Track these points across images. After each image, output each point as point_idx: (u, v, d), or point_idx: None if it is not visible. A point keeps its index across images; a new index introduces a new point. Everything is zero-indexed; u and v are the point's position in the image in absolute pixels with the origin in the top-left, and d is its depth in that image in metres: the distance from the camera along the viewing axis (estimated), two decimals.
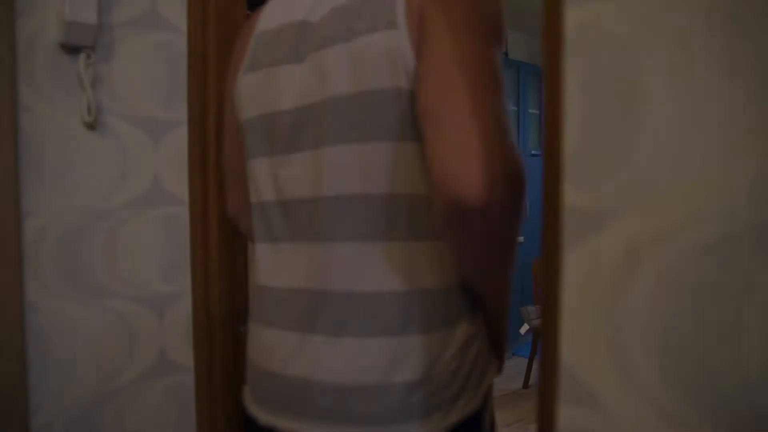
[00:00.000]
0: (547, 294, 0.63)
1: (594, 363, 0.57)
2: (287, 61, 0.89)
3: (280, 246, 0.90)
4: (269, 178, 0.92)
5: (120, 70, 1.20)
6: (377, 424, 0.80)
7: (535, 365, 4.75)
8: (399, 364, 0.80)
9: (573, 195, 0.57)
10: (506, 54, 5.36)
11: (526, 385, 4.41)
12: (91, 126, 1.15)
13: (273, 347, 0.88)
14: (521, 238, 5.16)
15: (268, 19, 0.95)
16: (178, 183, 1.28)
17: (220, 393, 1.31)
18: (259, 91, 0.92)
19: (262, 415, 0.89)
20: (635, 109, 0.53)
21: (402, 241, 0.81)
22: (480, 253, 0.79)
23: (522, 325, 4.29)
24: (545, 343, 0.64)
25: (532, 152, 5.65)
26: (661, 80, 0.52)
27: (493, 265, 0.83)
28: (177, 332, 1.29)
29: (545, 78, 0.63)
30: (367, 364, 0.81)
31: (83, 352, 1.17)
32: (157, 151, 1.25)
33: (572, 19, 0.58)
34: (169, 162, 1.26)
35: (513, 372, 4.79)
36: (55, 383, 1.14)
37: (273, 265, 0.92)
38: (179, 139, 1.27)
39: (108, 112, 1.18)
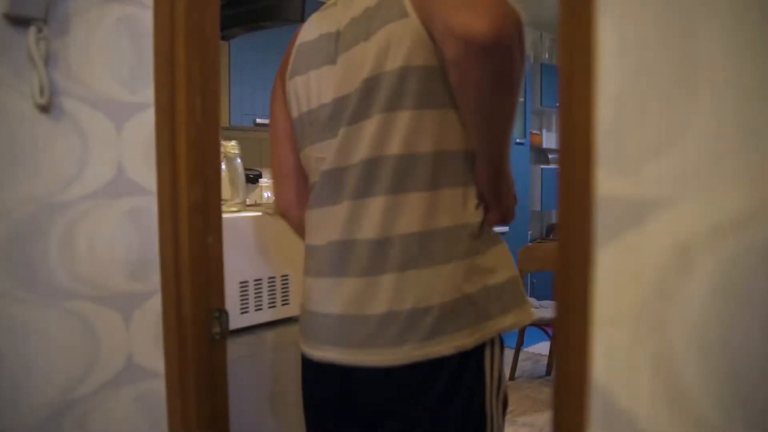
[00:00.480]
0: (570, 300, 0.53)
1: (634, 383, 0.48)
2: (325, 64, 1.12)
3: (315, 210, 1.14)
4: (316, 160, 1.13)
5: (77, 47, 1.07)
6: (382, 346, 1.00)
7: (527, 363, 4.69)
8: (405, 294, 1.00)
9: (607, 181, 0.47)
10: None
11: (512, 377, 4.34)
12: (44, 108, 1.03)
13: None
14: (506, 228, 5.08)
15: (306, 33, 1.19)
16: (144, 172, 1.16)
17: (193, 400, 1.20)
18: (303, 90, 1.16)
19: (307, 349, 1.15)
20: (690, 76, 0.43)
21: (423, 191, 1.00)
22: (488, 96, 0.93)
23: None
24: (565, 359, 0.55)
25: (516, 140, 5.57)
26: (724, 42, 0.42)
27: (500, 109, 0.96)
28: (145, 335, 1.18)
29: (565, 34, 0.52)
30: (384, 297, 1.01)
31: (40, 360, 1.05)
32: (121, 137, 1.13)
33: None
34: (134, 149, 1.15)
35: None
36: (8, 395, 1.02)
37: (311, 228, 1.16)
38: (145, 123, 1.16)
39: (64, 93, 1.06)
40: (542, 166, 5.97)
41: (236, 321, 1.55)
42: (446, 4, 0.90)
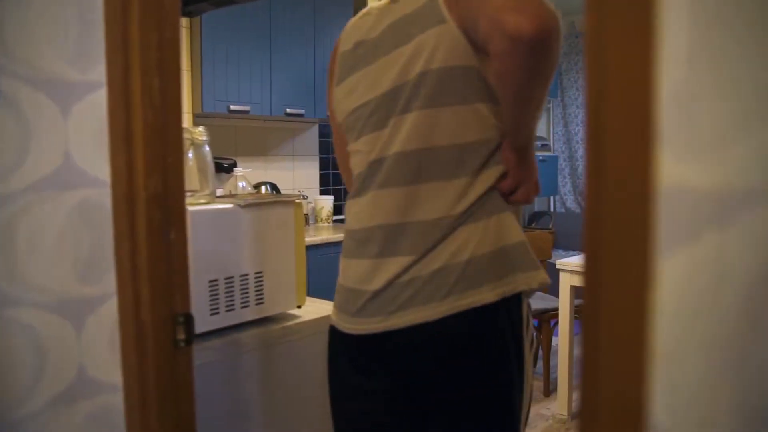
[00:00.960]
0: (617, 327, 0.41)
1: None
2: (365, 66, 1.25)
3: (357, 198, 1.25)
4: (358, 153, 1.25)
5: (15, 18, 0.94)
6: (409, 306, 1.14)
7: None
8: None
9: (675, 167, 0.36)
10: None
11: None
12: None
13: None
14: None
15: (345, 43, 1.32)
16: (95, 160, 1.03)
17: (155, 414, 1.08)
18: (347, 95, 1.29)
19: (339, 322, 1.24)
20: None
21: (461, 178, 1.14)
22: (525, 84, 1.06)
23: None
24: (611, 400, 0.43)
25: None
26: None
27: (534, 96, 1.10)
28: (100, 344, 1.05)
29: None
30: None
31: None
32: (68, 121, 1.00)
33: None
34: (83, 135, 1.02)
35: None
36: None
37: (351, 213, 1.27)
38: (96, 106, 1.02)
39: (1, 71, 0.93)
40: None
41: (205, 323, 1.43)
42: (493, 5, 1.02)
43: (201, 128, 1.51)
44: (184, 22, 3.21)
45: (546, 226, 6.47)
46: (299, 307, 1.65)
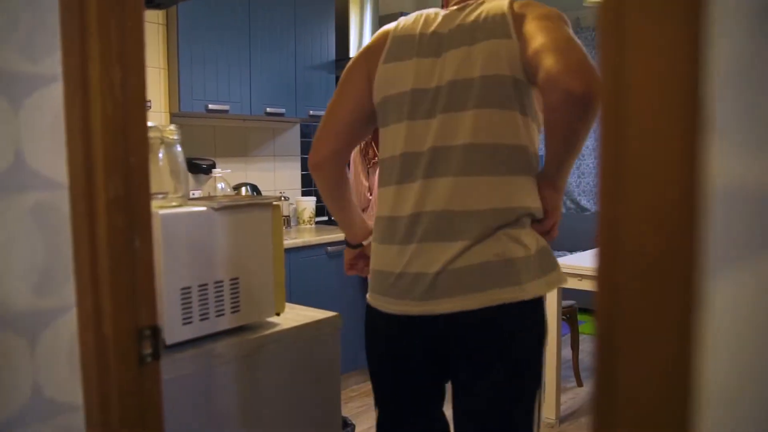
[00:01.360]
0: (649, 368, 0.34)
1: None
2: (428, 56, 1.40)
3: (399, 185, 1.40)
4: (399, 137, 1.40)
5: None
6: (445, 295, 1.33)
7: None
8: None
9: (733, 163, 0.28)
10: None
11: None
12: None
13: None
14: None
15: (406, 28, 1.45)
16: (51, 160, 0.94)
17: None
18: (399, 74, 1.42)
19: (378, 303, 1.42)
20: None
21: (501, 176, 1.32)
22: (571, 132, 1.27)
23: None
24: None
25: None
26: None
27: (578, 142, 1.30)
28: (57, 361, 0.96)
29: None
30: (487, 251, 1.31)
31: None
32: (19, 117, 0.91)
33: None
34: (36, 132, 0.93)
35: None
36: None
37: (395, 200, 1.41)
38: (51, 100, 0.93)
39: None
40: None
41: (177, 333, 1.34)
42: (555, 61, 1.24)
43: (172, 126, 1.42)
44: (159, 18, 3.11)
45: None
46: (278, 314, 1.57)
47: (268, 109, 3.65)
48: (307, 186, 4.42)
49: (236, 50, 3.46)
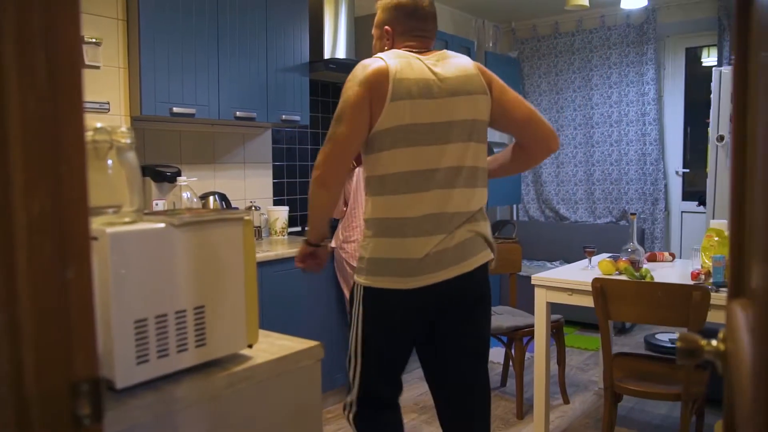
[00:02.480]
0: None
1: None
2: (431, 98, 1.94)
3: (418, 193, 1.94)
4: (411, 158, 1.92)
5: None
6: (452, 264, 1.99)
7: None
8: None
9: None
10: None
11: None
12: None
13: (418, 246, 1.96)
14: None
15: (404, 73, 1.92)
16: None
17: None
18: (404, 111, 1.90)
19: (399, 284, 1.95)
20: None
21: (482, 188, 2.04)
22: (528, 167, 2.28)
23: None
24: None
25: None
26: None
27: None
28: None
29: None
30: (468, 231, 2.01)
31: None
32: None
33: None
34: None
35: None
36: None
37: (413, 204, 1.94)
38: None
39: None
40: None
41: (131, 375, 1.12)
42: (544, 129, 2.10)
43: (124, 128, 1.20)
44: (118, 12, 2.87)
45: (509, 235, 6.28)
46: (250, 346, 1.35)
47: (238, 113, 3.43)
48: (279, 195, 4.19)
49: (204, 49, 3.24)
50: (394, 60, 1.93)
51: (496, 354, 4.66)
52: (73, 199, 0.78)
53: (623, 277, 3.02)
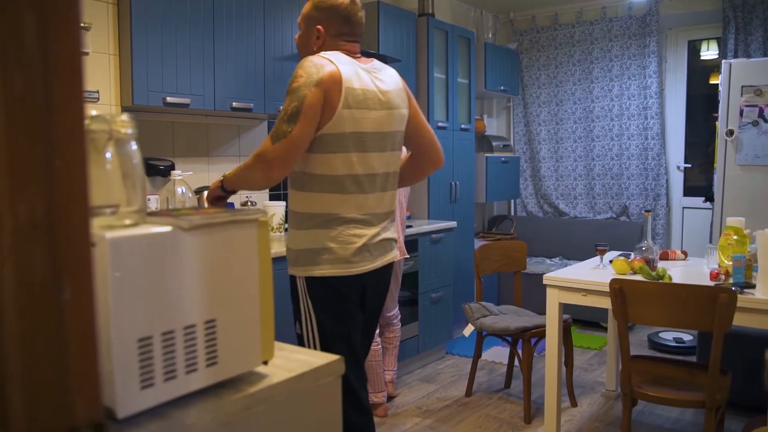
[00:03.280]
0: None
1: None
2: (375, 110, 2.09)
3: (356, 195, 2.11)
4: (360, 162, 2.09)
5: None
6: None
7: (481, 373, 4.22)
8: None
9: None
10: (432, 15, 4.75)
11: (469, 393, 3.86)
12: None
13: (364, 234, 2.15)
14: (453, 223, 4.62)
15: (350, 82, 2.02)
16: None
17: None
18: (351, 120, 2.04)
19: (360, 268, 2.14)
20: None
21: (395, 190, 2.28)
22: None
23: (465, 325, 3.74)
24: None
25: (462, 126, 5.11)
26: None
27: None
28: None
29: None
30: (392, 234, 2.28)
31: None
32: None
33: None
34: None
35: (449, 376, 4.24)
36: None
37: (360, 204, 2.13)
38: None
39: None
40: (486, 155, 5.53)
41: (135, 401, 0.96)
42: (439, 150, 2.38)
43: (125, 116, 1.05)
44: None
45: (507, 230, 6.16)
46: (266, 363, 1.20)
47: (234, 104, 3.26)
48: (276, 189, 4.04)
49: (199, 37, 3.07)
50: (344, 67, 2.02)
51: (500, 354, 4.54)
52: (70, 199, 0.63)
53: (638, 277, 2.90)
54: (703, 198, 4.76)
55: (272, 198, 4.00)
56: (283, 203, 3.77)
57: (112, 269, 0.93)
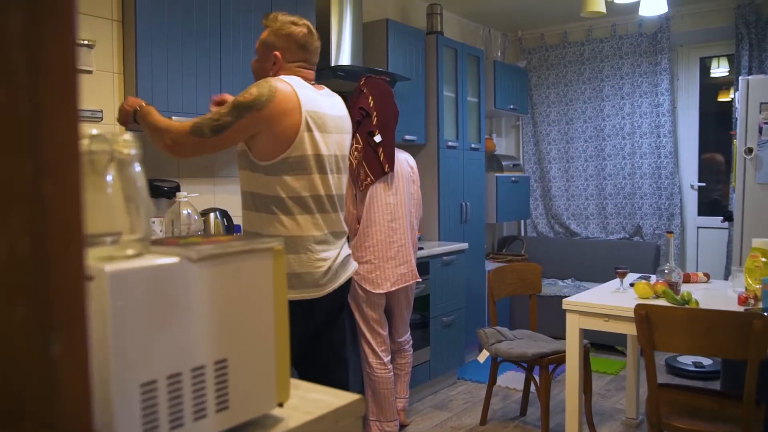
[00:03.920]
0: None
1: None
2: (332, 133, 2.24)
3: (320, 215, 2.23)
4: (322, 183, 2.19)
5: None
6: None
7: (495, 399, 4.08)
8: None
9: None
10: (441, 33, 4.68)
11: (484, 421, 3.72)
12: None
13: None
14: (465, 245, 4.50)
15: (310, 107, 2.14)
16: None
17: None
18: (312, 142, 2.14)
19: (323, 290, 2.25)
20: None
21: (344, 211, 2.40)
22: None
23: (480, 351, 3.61)
24: None
25: (472, 145, 5.01)
26: None
27: None
28: None
29: None
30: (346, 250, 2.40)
31: None
32: None
33: None
34: None
35: (462, 403, 4.10)
36: None
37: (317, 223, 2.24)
38: None
39: None
40: (496, 174, 5.43)
41: None
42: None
43: (128, 135, 0.95)
44: (113, 12, 2.62)
45: (518, 251, 6.04)
46: (281, 405, 1.09)
47: None
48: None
49: (205, 53, 2.98)
50: (302, 90, 2.12)
51: (514, 380, 4.40)
52: (61, 231, 0.52)
53: (662, 301, 2.78)
54: (722, 218, 4.64)
55: None
56: None
57: (112, 306, 0.82)
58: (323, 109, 2.19)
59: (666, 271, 2.97)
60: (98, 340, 0.82)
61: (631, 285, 3.13)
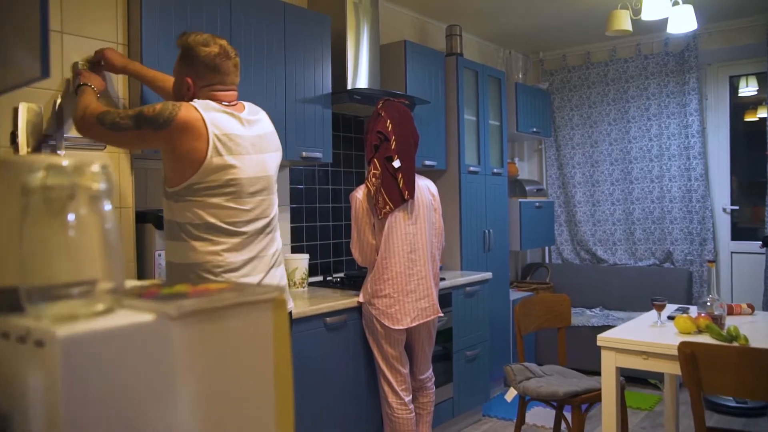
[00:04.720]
0: None
1: None
2: (254, 154, 2.15)
3: (250, 238, 2.18)
4: (240, 208, 2.12)
5: None
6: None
7: None
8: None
9: None
10: (461, 54, 4.53)
11: None
12: None
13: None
14: (489, 274, 4.30)
15: (219, 130, 2.06)
16: None
17: None
18: (224, 167, 2.06)
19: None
20: None
21: (277, 233, 2.36)
22: None
23: (502, 384, 3.38)
24: None
25: (494, 170, 4.83)
26: None
27: None
28: None
29: None
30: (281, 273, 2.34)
31: None
32: None
33: None
34: None
35: None
36: None
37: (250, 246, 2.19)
38: None
39: None
40: (520, 200, 5.25)
41: None
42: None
43: (96, 166, 0.79)
44: (120, 37, 2.49)
45: (543, 279, 5.83)
46: None
47: None
48: (298, 241, 3.77)
49: None
50: (211, 114, 2.05)
51: (542, 416, 4.17)
52: None
53: (706, 337, 2.56)
54: (761, 243, 4.41)
55: (294, 250, 3.73)
56: (307, 256, 3.50)
57: (63, 381, 0.65)
58: (236, 130, 2.09)
59: (708, 303, 2.75)
60: (47, 425, 0.65)
61: (670, 318, 2.91)
